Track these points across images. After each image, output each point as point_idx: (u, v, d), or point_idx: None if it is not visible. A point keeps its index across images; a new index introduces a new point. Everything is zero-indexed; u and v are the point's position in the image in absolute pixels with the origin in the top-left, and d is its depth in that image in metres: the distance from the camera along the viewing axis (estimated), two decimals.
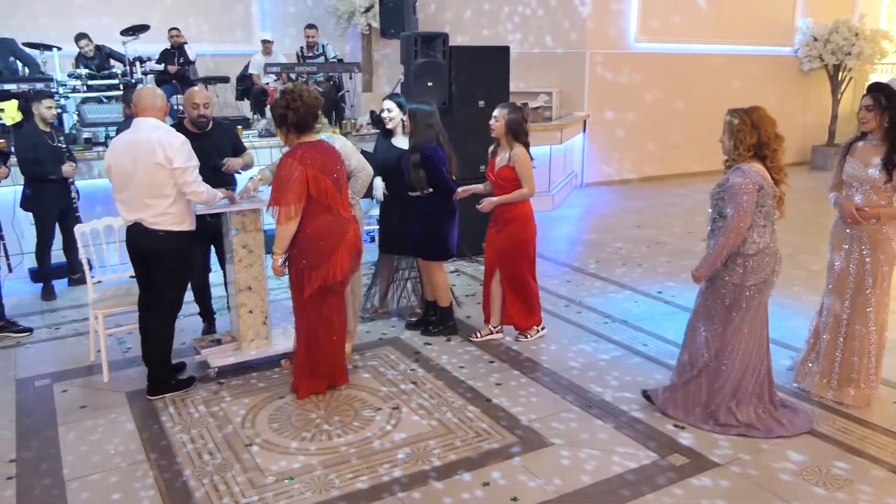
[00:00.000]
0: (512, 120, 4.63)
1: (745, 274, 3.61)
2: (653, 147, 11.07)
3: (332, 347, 4.18)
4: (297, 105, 3.89)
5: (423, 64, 6.61)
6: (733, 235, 3.54)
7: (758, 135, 3.55)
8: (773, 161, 3.59)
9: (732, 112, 3.66)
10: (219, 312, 5.15)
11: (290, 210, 3.86)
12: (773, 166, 3.59)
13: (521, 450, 3.62)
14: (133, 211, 4.01)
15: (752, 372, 3.78)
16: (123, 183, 3.98)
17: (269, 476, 3.40)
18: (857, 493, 3.24)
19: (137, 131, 3.97)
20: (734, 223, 3.52)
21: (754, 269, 3.61)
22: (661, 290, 6.04)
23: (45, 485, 3.37)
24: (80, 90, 8.02)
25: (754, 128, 3.56)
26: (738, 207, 3.51)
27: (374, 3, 10.45)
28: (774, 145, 3.58)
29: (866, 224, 3.90)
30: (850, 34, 11.81)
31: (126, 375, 4.49)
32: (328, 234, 3.94)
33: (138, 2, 9.84)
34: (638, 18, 10.79)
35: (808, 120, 12.66)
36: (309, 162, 3.87)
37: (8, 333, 5.12)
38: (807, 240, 7.47)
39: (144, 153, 3.89)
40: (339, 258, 3.97)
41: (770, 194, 3.56)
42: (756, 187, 3.51)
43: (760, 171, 3.55)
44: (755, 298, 3.68)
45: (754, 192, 3.51)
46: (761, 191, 3.52)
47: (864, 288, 3.97)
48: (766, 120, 3.58)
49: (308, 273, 3.97)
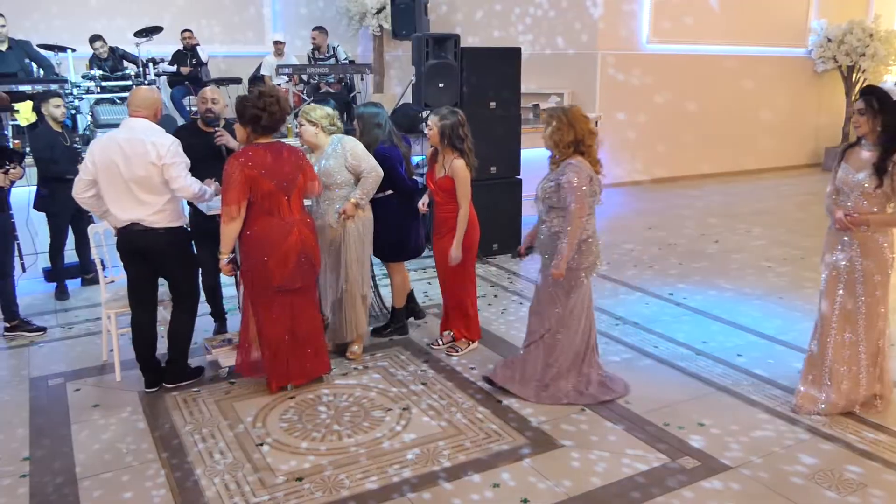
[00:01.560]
0: (445, 126, 4.48)
1: (580, 258, 3.94)
2: (664, 148, 11.02)
3: (284, 347, 4.17)
4: (275, 109, 3.96)
5: (434, 65, 6.62)
6: (577, 224, 3.84)
7: (574, 132, 3.84)
8: (590, 155, 3.91)
9: (549, 113, 3.95)
10: (230, 312, 5.17)
11: (231, 210, 3.91)
12: (590, 160, 3.91)
13: (530, 451, 3.61)
14: (127, 210, 4.04)
15: (582, 346, 4.11)
16: (112, 182, 4.00)
17: (280, 476, 3.42)
18: (870, 498, 3.22)
19: (132, 131, 4.02)
20: (577, 213, 3.82)
21: (586, 253, 3.96)
22: (673, 292, 6.02)
23: (58, 483, 3.40)
24: (94, 91, 8.09)
25: (570, 126, 3.84)
26: (577, 199, 3.81)
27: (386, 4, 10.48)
28: (589, 141, 3.89)
29: (857, 231, 3.81)
30: (865, 35, 11.72)
31: (138, 375, 4.50)
32: (266, 236, 3.98)
33: (151, 3, 9.90)
34: (650, 20, 10.75)
35: (821, 121, 12.58)
36: (251, 164, 3.91)
37: (21, 332, 5.16)
38: (818, 242, 7.37)
39: (138, 153, 3.95)
40: (278, 261, 3.99)
41: (595, 185, 3.90)
42: (588, 179, 3.85)
43: (586, 164, 3.87)
44: (585, 279, 4.03)
45: (588, 182, 3.84)
46: (591, 181, 3.87)
47: (855, 296, 3.86)
48: (580, 118, 3.88)
49: (248, 274, 4.06)
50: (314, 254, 4.16)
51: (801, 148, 12.69)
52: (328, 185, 4.45)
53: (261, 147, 4.00)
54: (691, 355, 4.72)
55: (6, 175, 4.87)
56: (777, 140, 12.15)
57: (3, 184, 4.88)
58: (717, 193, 10.41)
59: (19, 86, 7.41)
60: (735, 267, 6.73)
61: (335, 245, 4.52)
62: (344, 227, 4.48)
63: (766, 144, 12.04)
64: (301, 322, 4.20)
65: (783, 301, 5.75)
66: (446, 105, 4.74)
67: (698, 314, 5.51)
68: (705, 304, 5.70)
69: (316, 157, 4.51)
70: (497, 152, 7.09)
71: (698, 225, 8.47)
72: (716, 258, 7.04)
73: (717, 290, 6.07)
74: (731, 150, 11.84)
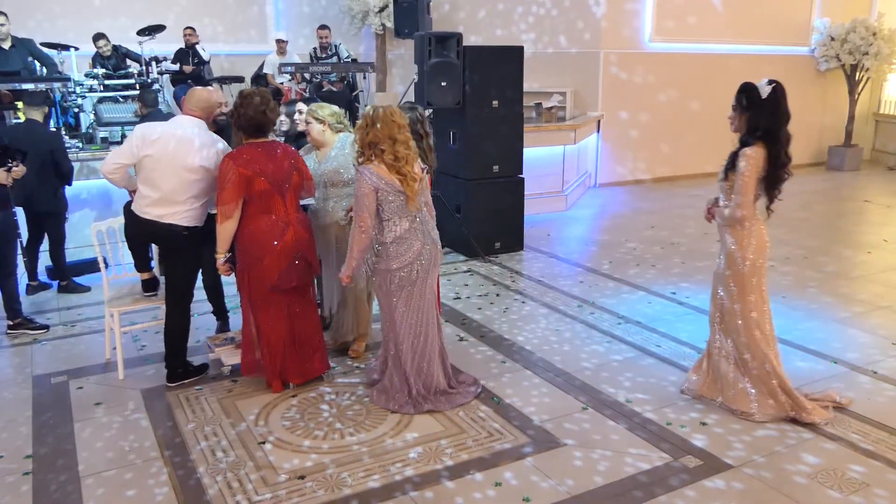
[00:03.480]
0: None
1: (389, 259, 3.83)
2: (667, 147, 11.01)
3: (282, 346, 4.18)
4: (242, 111, 3.98)
5: (436, 64, 6.62)
6: (356, 234, 3.79)
7: (373, 133, 3.70)
8: (397, 160, 3.71)
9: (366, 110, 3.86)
10: (232, 311, 5.18)
11: (226, 209, 3.94)
12: (396, 166, 3.71)
13: (533, 450, 3.61)
14: (158, 205, 4.07)
15: (426, 348, 4.00)
16: (155, 173, 4.04)
17: (282, 474, 3.42)
18: (873, 497, 3.21)
19: (193, 130, 4.08)
20: (355, 223, 3.80)
21: (396, 254, 3.82)
22: (675, 291, 6.01)
23: (61, 481, 3.40)
24: (97, 90, 8.10)
25: (371, 126, 3.71)
26: (357, 210, 3.78)
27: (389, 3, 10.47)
28: (383, 146, 3.70)
29: (721, 228, 3.93)
30: (868, 34, 11.68)
31: (141, 373, 4.53)
32: (262, 235, 3.99)
33: (154, 2, 9.90)
34: (652, 18, 10.73)
35: (824, 120, 12.55)
36: (245, 163, 3.93)
37: (25, 331, 5.17)
38: (821, 242, 7.42)
39: (196, 156, 4.03)
40: (273, 261, 4.00)
41: (392, 192, 3.73)
42: (372, 189, 3.70)
43: (379, 171, 3.71)
44: (406, 280, 3.86)
45: (371, 194, 3.71)
46: (379, 192, 3.71)
47: (731, 297, 3.92)
48: (388, 122, 3.70)
49: (244, 274, 4.08)
50: (310, 253, 4.16)
51: (805, 147, 12.65)
52: (335, 183, 4.46)
53: (254, 146, 4.02)
54: (694, 354, 4.72)
55: (8, 173, 4.87)
56: None
57: (6, 181, 4.89)
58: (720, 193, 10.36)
59: (22, 84, 7.42)
60: None
61: (342, 243, 4.53)
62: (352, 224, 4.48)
63: None
64: (299, 321, 4.21)
65: (786, 301, 5.74)
66: (409, 101, 4.58)
67: (701, 313, 5.49)
68: (708, 303, 5.68)
69: (323, 155, 4.52)
70: (499, 151, 7.09)
71: (701, 224, 8.41)
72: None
73: None
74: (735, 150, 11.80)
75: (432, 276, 3.99)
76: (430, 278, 3.97)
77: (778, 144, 3.68)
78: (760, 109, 3.66)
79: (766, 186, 3.78)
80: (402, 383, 4.04)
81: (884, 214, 8.90)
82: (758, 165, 3.68)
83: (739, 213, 3.76)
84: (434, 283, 4.06)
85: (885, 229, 8.04)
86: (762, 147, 3.67)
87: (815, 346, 4.84)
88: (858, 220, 8.77)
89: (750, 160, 3.67)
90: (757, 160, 3.67)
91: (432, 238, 3.95)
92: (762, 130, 3.67)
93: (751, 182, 3.70)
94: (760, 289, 3.87)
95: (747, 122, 3.72)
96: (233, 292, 5.12)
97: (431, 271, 3.95)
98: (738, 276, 3.85)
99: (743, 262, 3.82)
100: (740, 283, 3.85)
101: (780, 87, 3.67)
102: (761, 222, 3.86)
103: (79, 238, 6.37)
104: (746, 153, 3.68)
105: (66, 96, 7.90)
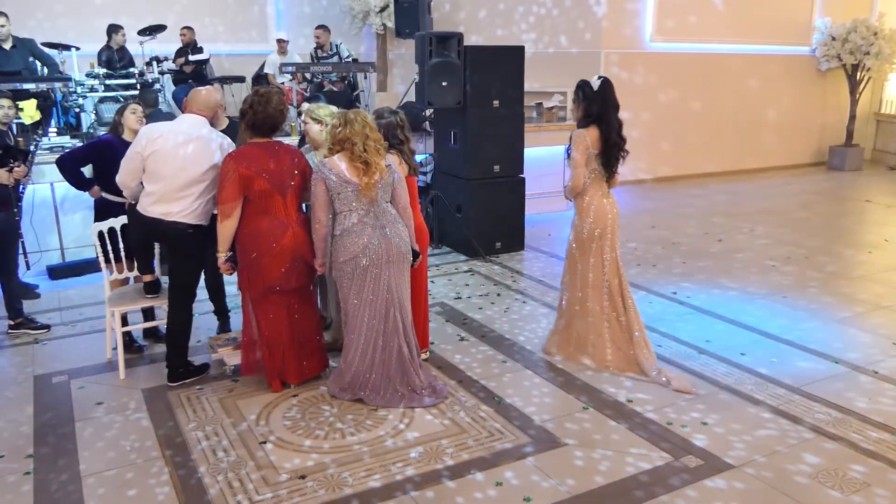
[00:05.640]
0: (380, 125, 4.24)
1: (337, 252, 3.96)
2: (668, 147, 11.01)
3: (281, 346, 4.18)
4: (259, 109, 4.00)
5: (437, 64, 6.62)
6: (313, 225, 3.99)
7: (348, 130, 3.88)
8: (365, 151, 3.88)
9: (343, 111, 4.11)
10: (233, 311, 5.18)
11: (225, 208, 3.96)
12: (363, 156, 3.87)
13: (534, 450, 3.62)
14: (161, 202, 4.08)
15: (380, 342, 4.03)
16: (159, 172, 4.05)
17: (283, 474, 3.42)
18: (874, 497, 3.21)
19: (202, 128, 4.12)
20: (312, 210, 3.97)
21: (344, 247, 3.92)
22: (676, 291, 6.01)
23: (62, 480, 3.41)
24: (98, 90, 8.09)
25: (344, 126, 3.90)
26: (311, 202, 3.97)
27: (389, 2, 10.46)
28: (355, 140, 3.89)
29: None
30: (869, 33, 11.68)
31: (142, 373, 4.53)
32: (260, 236, 4.00)
33: (155, 2, 9.89)
34: (653, 18, 10.74)
35: (825, 120, 12.55)
36: (245, 162, 3.94)
37: (26, 330, 5.18)
38: (822, 241, 7.41)
39: (206, 153, 4.06)
40: (272, 261, 4.01)
41: (341, 183, 3.86)
42: (321, 180, 3.88)
43: (333, 164, 3.89)
44: (353, 272, 3.94)
45: (320, 185, 3.89)
46: (328, 182, 3.87)
47: (572, 258, 4.51)
48: (360, 121, 3.92)
49: (244, 273, 4.09)
50: (310, 254, 4.16)
51: (806, 147, 12.67)
52: None
53: (256, 146, 4.02)
54: (695, 354, 4.72)
55: (10, 174, 4.88)
56: (781, 139, 12.13)
57: (8, 182, 4.89)
58: (721, 192, 10.39)
59: (23, 84, 7.42)
60: (739, 266, 6.72)
61: None
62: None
63: (770, 143, 12.02)
64: (299, 322, 4.21)
65: (787, 300, 5.74)
66: (387, 107, 4.61)
67: (702, 313, 5.50)
68: (709, 303, 5.69)
69: (322, 155, 4.52)
70: (500, 151, 7.10)
71: (702, 224, 8.46)
72: (719, 257, 7.03)
73: (720, 289, 6.06)
74: (735, 149, 11.82)
75: (390, 274, 3.95)
76: (386, 275, 3.94)
77: (609, 127, 4.22)
78: (592, 99, 4.25)
79: (603, 162, 4.30)
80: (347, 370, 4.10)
81: (885, 214, 8.90)
82: (585, 143, 4.24)
83: (571, 185, 4.35)
84: (396, 284, 3.99)
85: (885, 229, 8.03)
86: (595, 129, 4.24)
87: (816, 346, 4.84)
88: (859, 219, 8.77)
89: (576, 140, 4.26)
90: (584, 140, 4.24)
91: (386, 233, 3.93)
92: (594, 116, 4.25)
93: (579, 159, 4.26)
94: (601, 254, 4.39)
95: (584, 110, 4.30)
96: (234, 292, 5.13)
97: (385, 268, 3.93)
98: (579, 240, 4.44)
99: (581, 229, 4.40)
100: (581, 246, 4.45)
101: (608, 81, 4.26)
102: (603, 196, 4.37)
103: (79, 238, 6.38)
104: (572, 135, 4.29)
105: (66, 96, 7.89)
